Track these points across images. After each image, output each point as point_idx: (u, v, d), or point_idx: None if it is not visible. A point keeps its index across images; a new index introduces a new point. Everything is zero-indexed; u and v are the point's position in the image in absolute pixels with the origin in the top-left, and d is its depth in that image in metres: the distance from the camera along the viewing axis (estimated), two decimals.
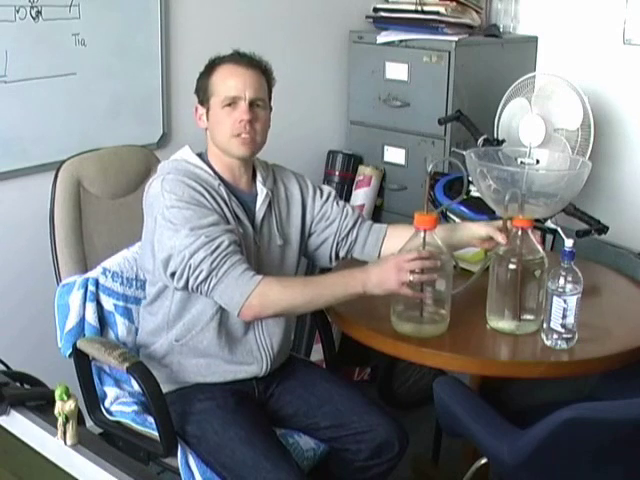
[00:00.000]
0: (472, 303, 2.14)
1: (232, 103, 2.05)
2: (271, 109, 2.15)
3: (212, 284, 1.94)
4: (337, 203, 2.25)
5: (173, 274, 1.97)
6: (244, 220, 2.09)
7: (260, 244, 2.12)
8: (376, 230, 2.26)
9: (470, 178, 2.38)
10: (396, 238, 2.17)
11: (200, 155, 2.13)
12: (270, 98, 2.15)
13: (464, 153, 2.35)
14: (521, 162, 2.27)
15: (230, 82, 2.06)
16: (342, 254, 2.26)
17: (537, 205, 2.18)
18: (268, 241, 2.14)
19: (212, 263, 1.93)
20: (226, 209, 2.05)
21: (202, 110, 2.12)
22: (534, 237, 2.06)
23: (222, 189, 2.07)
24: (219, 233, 1.96)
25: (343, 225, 2.23)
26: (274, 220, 2.15)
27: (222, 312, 2.06)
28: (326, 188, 2.29)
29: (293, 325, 2.21)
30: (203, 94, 2.10)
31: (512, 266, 2.02)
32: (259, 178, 2.15)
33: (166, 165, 2.11)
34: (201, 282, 1.95)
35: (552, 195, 2.23)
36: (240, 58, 2.09)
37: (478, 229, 2.18)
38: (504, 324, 2.06)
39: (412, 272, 1.91)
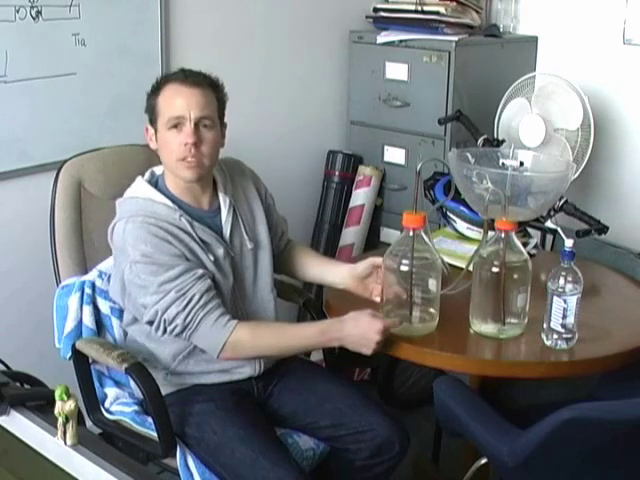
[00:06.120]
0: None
1: (178, 125, 2.00)
2: (225, 125, 2.12)
3: (188, 335, 2.00)
4: (273, 213, 2.29)
5: (150, 322, 2.01)
6: (212, 243, 2.07)
7: (233, 254, 2.12)
8: (291, 254, 2.35)
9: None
10: (306, 264, 2.33)
11: (157, 183, 2.09)
12: (222, 115, 2.10)
13: (449, 153, 2.34)
14: (502, 164, 2.26)
15: (174, 102, 2.01)
16: None
17: (521, 207, 2.17)
18: (240, 248, 2.14)
19: (185, 319, 1.96)
20: (192, 242, 2.03)
21: (152, 130, 2.08)
22: (518, 240, 2.04)
23: (184, 221, 2.03)
24: (190, 285, 1.96)
25: (274, 245, 2.26)
26: (241, 225, 2.14)
27: None
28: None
29: None
30: (151, 114, 2.07)
31: (495, 269, 2.00)
32: (220, 187, 2.13)
33: (124, 206, 2.07)
34: (178, 334, 2.00)
35: (536, 197, 2.22)
36: (185, 77, 2.03)
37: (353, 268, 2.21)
38: (487, 328, 2.05)
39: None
